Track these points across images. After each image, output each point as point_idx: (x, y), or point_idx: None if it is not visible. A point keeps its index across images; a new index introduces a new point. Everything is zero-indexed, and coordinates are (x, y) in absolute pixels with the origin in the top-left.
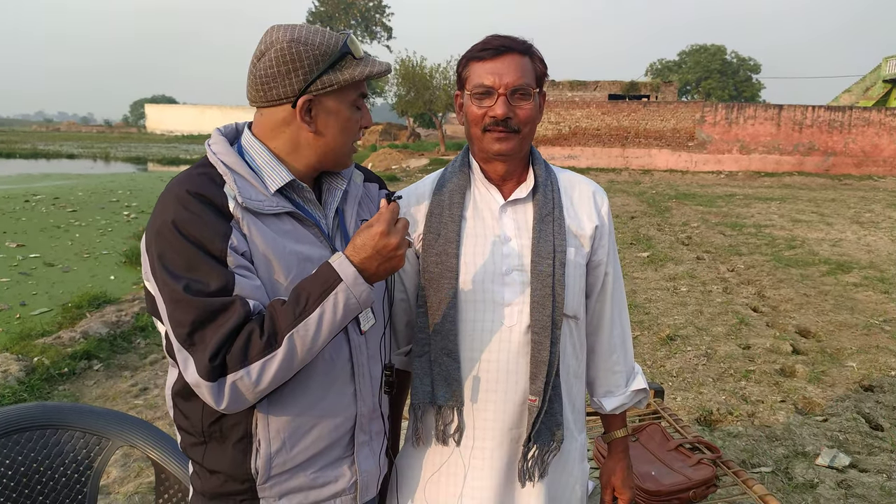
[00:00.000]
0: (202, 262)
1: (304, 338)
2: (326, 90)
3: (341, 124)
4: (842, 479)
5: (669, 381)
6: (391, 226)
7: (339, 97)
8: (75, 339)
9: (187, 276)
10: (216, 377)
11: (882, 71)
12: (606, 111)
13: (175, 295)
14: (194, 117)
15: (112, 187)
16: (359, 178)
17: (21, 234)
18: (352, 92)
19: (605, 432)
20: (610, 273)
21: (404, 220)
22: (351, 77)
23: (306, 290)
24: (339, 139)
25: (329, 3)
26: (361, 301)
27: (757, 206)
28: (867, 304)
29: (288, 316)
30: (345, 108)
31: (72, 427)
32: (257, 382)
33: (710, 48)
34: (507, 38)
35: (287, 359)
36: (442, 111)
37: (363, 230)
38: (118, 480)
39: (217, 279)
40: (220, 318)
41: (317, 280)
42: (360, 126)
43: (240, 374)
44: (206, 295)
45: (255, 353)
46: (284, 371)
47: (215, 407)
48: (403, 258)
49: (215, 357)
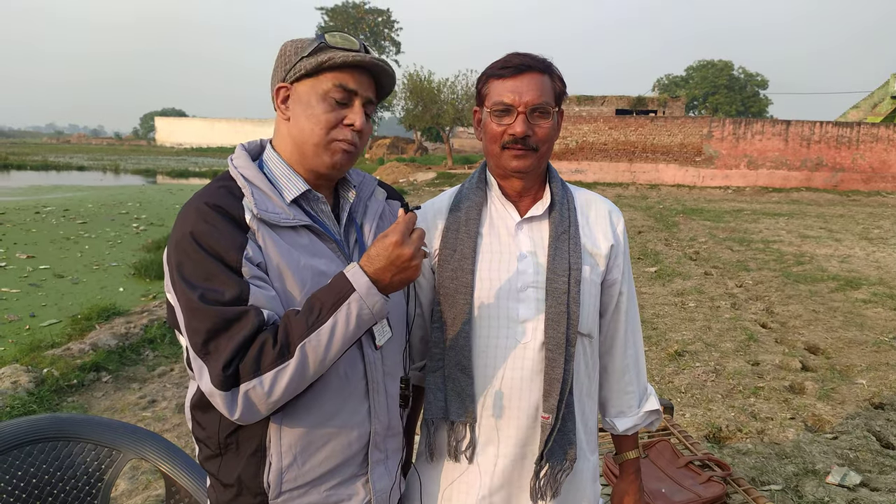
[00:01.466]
0: (218, 271)
1: (317, 348)
2: (298, 76)
3: (307, 111)
4: (852, 497)
5: (678, 397)
6: (406, 236)
7: (310, 85)
8: (84, 350)
9: (203, 286)
10: (229, 386)
11: (890, 87)
12: (614, 126)
13: (191, 304)
14: (204, 130)
15: (122, 199)
16: (381, 194)
17: (31, 246)
18: (325, 81)
19: (617, 453)
20: (624, 292)
21: (420, 230)
22: (317, 62)
23: (319, 301)
24: (304, 127)
25: (338, 19)
26: (375, 312)
27: (765, 222)
28: (876, 320)
29: (301, 326)
30: (314, 97)
31: (84, 439)
32: (270, 393)
33: (717, 63)
34: (527, 57)
35: (299, 369)
36: (449, 125)
37: (378, 240)
38: (126, 493)
39: (232, 289)
40: (234, 328)
41: (331, 290)
42: (340, 121)
43: (252, 383)
44: (221, 304)
45: (268, 363)
46: (297, 382)
47: (229, 417)
48: (418, 269)
49: (228, 366)
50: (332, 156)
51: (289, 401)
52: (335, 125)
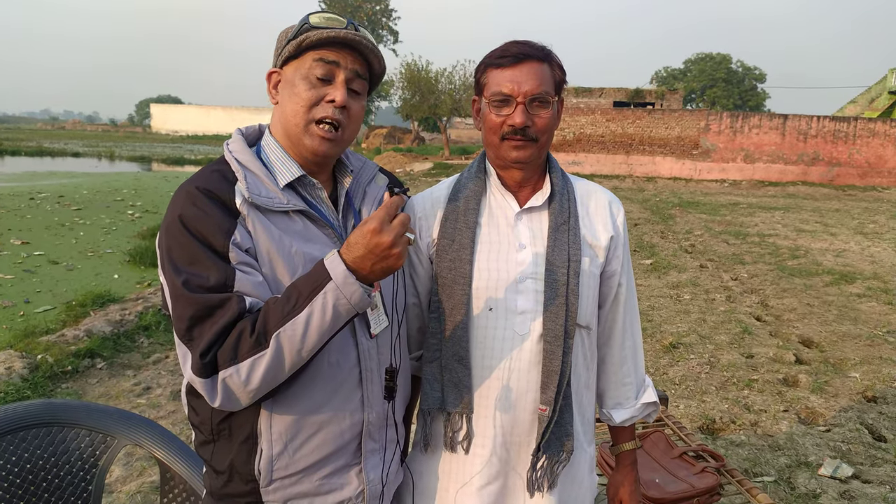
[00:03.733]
0: (204, 256)
1: (292, 338)
2: (284, 60)
3: (290, 91)
4: (844, 489)
5: (672, 388)
6: (385, 223)
7: (295, 66)
8: (79, 337)
9: (188, 270)
10: (208, 373)
11: (888, 82)
12: (611, 118)
13: (175, 290)
14: (199, 118)
15: (117, 186)
16: (382, 180)
17: (26, 232)
18: (307, 60)
19: (613, 444)
20: (623, 284)
21: (404, 215)
22: (298, 42)
23: (297, 289)
24: (288, 108)
25: (336, 7)
26: (353, 303)
27: (761, 216)
28: (871, 314)
29: (277, 314)
30: (297, 77)
31: (78, 425)
32: (247, 381)
33: (715, 57)
34: (525, 45)
35: (276, 359)
36: (447, 115)
37: (358, 227)
38: (121, 479)
39: (217, 274)
40: (216, 314)
41: (308, 279)
42: (321, 98)
43: (229, 371)
44: (205, 290)
45: (245, 352)
46: (275, 371)
47: (210, 403)
48: (400, 257)
49: (206, 353)
50: (311, 139)
51: (279, 388)
52: (316, 102)
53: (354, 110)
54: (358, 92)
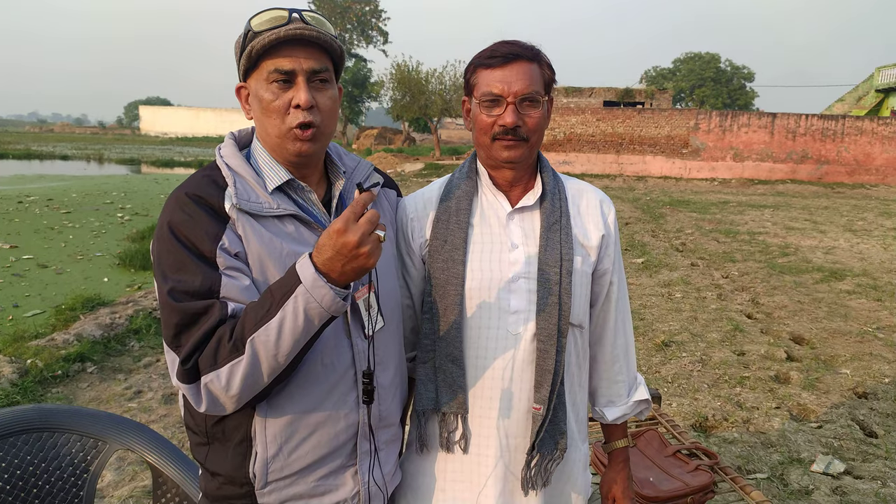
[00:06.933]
0: (190, 262)
1: (266, 344)
2: (245, 73)
3: (259, 105)
4: (837, 485)
5: (665, 387)
6: (350, 222)
7: (256, 78)
8: (69, 341)
9: (175, 277)
10: (191, 379)
11: (874, 80)
12: (601, 117)
13: (162, 298)
14: (189, 120)
15: (106, 189)
16: (376, 179)
17: (14, 236)
18: (264, 70)
19: (606, 442)
20: (615, 282)
21: (371, 212)
22: (247, 55)
23: (271, 293)
24: (262, 121)
25: (324, 8)
26: (325, 306)
27: (750, 214)
28: (860, 311)
29: (251, 320)
30: (261, 88)
31: (69, 430)
32: (227, 387)
33: (704, 56)
34: (515, 45)
35: (252, 365)
36: (437, 116)
37: (326, 229)
38: (112, 484)
39: (202, 280)
40: (200, 321)
41: (281, 283)
42: (288, 103)
43: (210, 377)
44: (190, 296)
45: (223, 357)
46: (253, 377)
47: (196, 408)
48: (370, 255)
49: (188, 359)
50: (293, 143)
51: (273, 391)
52: (286, 110)
53: (323, 103)
54: (324, 80)
